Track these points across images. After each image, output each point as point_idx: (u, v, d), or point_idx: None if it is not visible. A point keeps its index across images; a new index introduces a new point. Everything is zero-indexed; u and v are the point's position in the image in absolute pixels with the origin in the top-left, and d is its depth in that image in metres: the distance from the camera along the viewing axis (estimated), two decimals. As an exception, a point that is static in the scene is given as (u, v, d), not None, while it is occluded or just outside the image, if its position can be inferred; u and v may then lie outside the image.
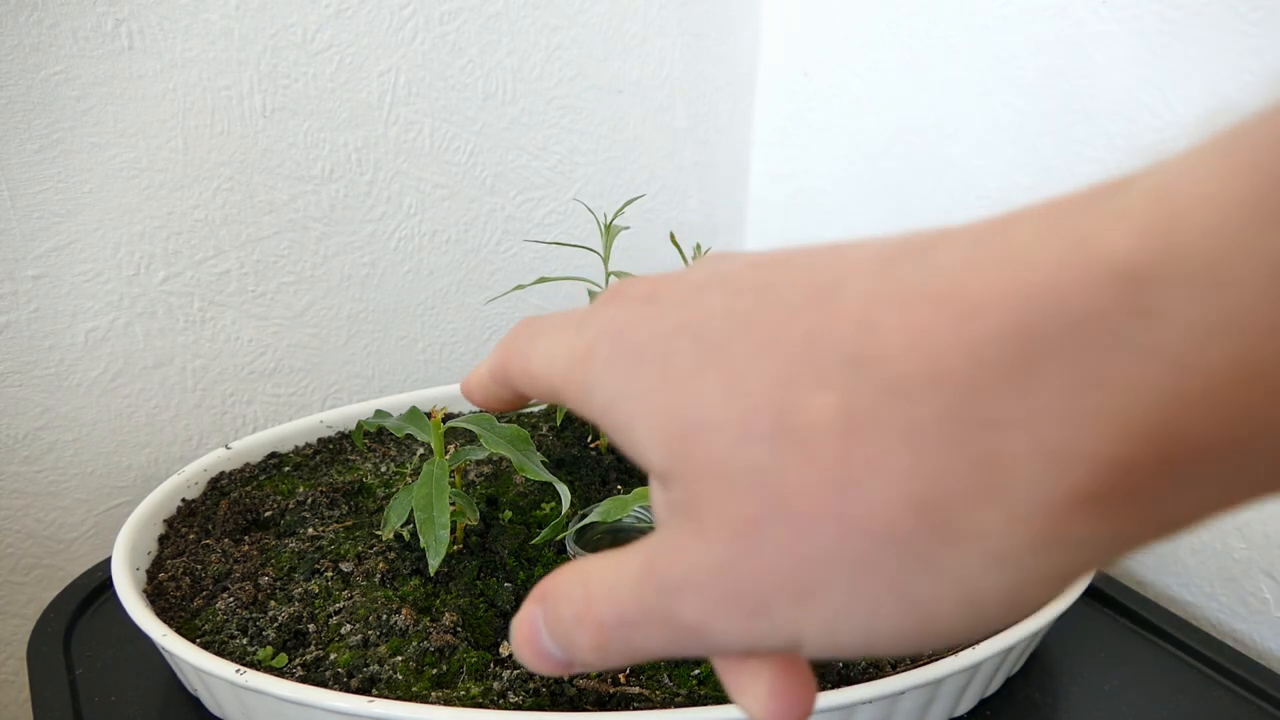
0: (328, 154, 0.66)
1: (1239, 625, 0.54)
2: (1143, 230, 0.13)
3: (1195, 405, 0.13)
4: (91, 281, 0.60)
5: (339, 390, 0.72)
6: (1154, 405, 0.13)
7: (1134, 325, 0.13)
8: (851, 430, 0.15)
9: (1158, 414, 0.13)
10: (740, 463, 0.16)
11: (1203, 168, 0.13)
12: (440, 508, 0.42)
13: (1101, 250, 0.13)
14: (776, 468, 0.16)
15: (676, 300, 0.18)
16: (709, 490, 0.17)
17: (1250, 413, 0.12)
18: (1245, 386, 0.12)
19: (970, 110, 0.64)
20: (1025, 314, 0.14)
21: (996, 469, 0.14)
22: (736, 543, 0.16)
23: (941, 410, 0.14)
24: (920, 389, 0.15)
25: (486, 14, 0.68)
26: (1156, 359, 0.13)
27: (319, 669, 0.39)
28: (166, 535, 0.50)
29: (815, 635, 0.16)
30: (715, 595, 0.17)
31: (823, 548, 0.16)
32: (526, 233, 0.76)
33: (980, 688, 0.42)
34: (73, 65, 0.56)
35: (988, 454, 0.14)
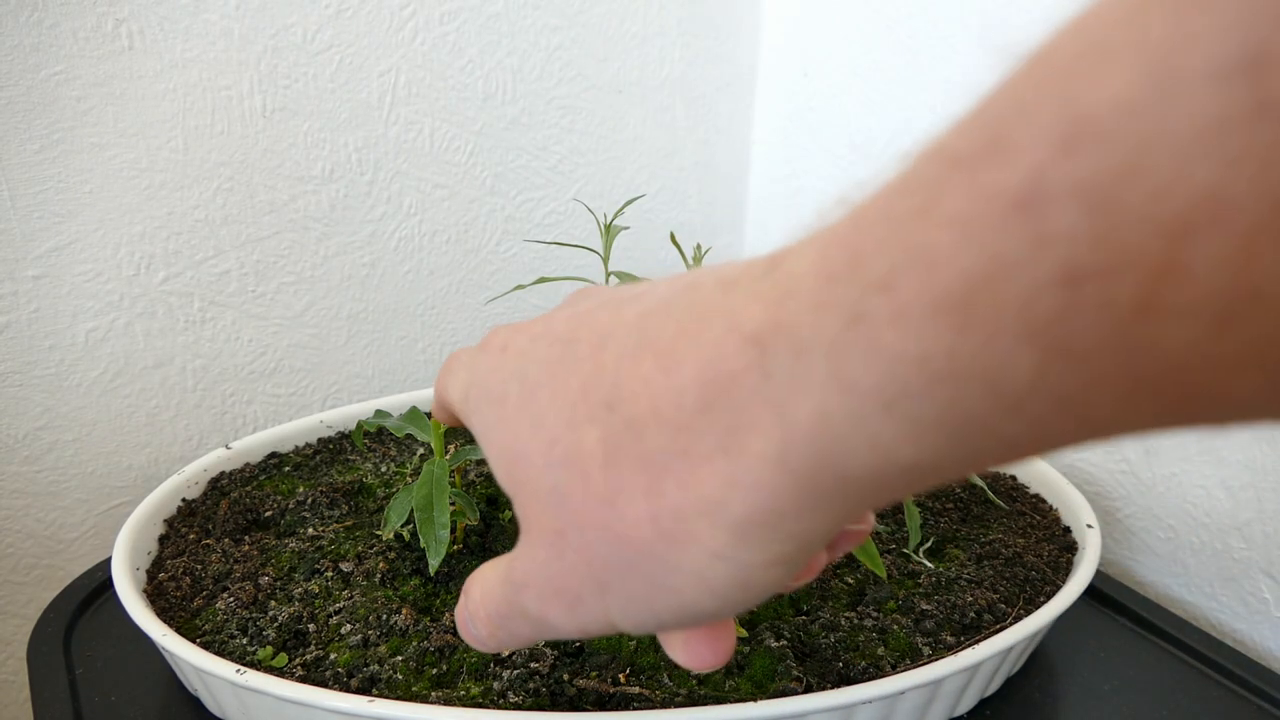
0: (328, 154, 0.66)
1: (1239, 625, 0.54)
2: (764, 308, 0.17)
3: (799, 447, 0.16)
4: (91, 281, 0.60)
5: (339, 390, 0.72)
6: (780, 445, 0.16)
7: (763, 384, 0.16)
8: (609, 460, 0.19)
9: (784, 452, 0.16)
10: (545, 485, 0.20)
11: (803, 250, 0.17)
12: (440, 508, 0.42)
13: (742, 324, 0.17)
14: (567, 489, 0.20)
15: (518, 350, 0.23)
16: (530, 507, 0.21)
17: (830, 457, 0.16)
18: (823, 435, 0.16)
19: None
20: (702, 370, 0.18)
21: (695, 490, 0.18)
22: (549, 549, 0.21)
23: (659, 444, 0.18)
24: (646, 426, 0.18)
25: (486, 14, 0.68)
26: (775, 410, 0.16)
27: (319, 669, 0.39)
28: (166, 535, 0.50)
29: (620, 619, 0.21)
30: (545, 591, 0.22)
31: (602, 553, 0.20)
32: (526, 233, 0.76)
33: (980, 688, 0.42)
34: (73, 65, 0.56)
35: (691, 478, 0.18)
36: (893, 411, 0.15)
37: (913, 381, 0.14)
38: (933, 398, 0.14)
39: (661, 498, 0.18)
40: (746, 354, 0.17)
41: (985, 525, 0.52)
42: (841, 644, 0.41)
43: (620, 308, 0.21)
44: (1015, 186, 0.13)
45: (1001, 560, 0.48)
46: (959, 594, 0.44)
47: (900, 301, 0.14)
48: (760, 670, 0.39)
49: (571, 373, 0.20)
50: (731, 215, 0.86)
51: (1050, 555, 0.49)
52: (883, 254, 0.15)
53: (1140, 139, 0.12)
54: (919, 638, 0.42)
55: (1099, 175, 0.12)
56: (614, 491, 0.19)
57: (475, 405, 0.24)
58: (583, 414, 0.20)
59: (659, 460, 0.18)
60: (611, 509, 0.19)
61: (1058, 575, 0.47)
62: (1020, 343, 0.13)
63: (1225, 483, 0.53)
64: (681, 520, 0.18)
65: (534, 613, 0.22)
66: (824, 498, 0.17)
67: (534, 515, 0.21)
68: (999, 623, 0.43)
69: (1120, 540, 0.60)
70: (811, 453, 0.16)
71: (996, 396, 0.14)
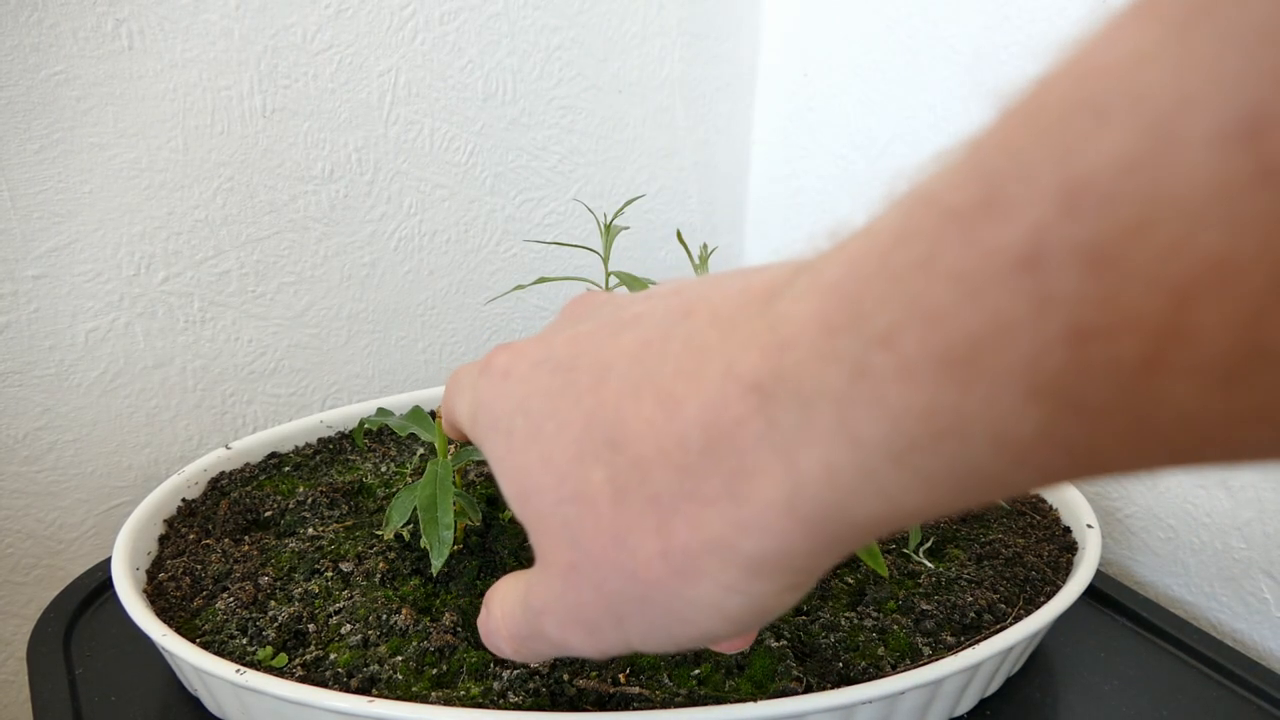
0: (328, 154, 0.66)
1: (1239, 625, 0.54)
2: (763, 356, 0.17)
3: (807, 495, 0.16)
4: (91, 281, 0.60)
5: (339, 390, 0.72)
6: (789, 493, 0.17)
7: (768, 431, 0.17)
8: (617, 498, 0.19)
9: (792, 499, 0.17)
10: (557, 519, 0.21)
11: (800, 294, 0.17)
12: (444, 508, 0.42)
13: (742, 371, 0.17)
14: (578, 524, 0.20)
15: (520, 377, 0.23)
16: (544, 540, 0.22)
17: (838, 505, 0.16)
18: (831, 485, 0.16)
19: (970, 111, 0.64)
20: (704, 413, 0.18)
21: (704, 530, 0.18)
22: (564, 582, 0.21)
23: (666, 485, 0.18)
24: (652, 467, 0.19)
25: (486, 14, 0.68)
26: (782, 458, 0.17)
27: (319, 669, 0.39)
28: (166, 535, 0.50)
29: (639, 643, 0.21)
30: (563, 619, 0.22)
31: (616, 589, 0.20)
32: (526, 233, 0.76)
33: (980, 688, 0.42)
34: (73, 65, 0.56)
35: (699, 519, 0.18)
36: (901, 464, 0.15)
37: (919, 436, 0.15)
38: (940, 451, 0.15)
39: (671, 537, 0.19)
40: (748, 401, 0.17)
41: (985, 525, 0.52)
42: (841, 644, 0.41)
43: (619, 334, 0.21)
44: (1016, 245, 0.13)
45: (1001, 560, 0.48)
46: (959, 594, 0.44)
47: (903, 357, 0.14)
48: (760, 670, 0.39)
49: (574, 406, 0.21)
50: (731, 215, 0.86)
51: (1050, 555, 0.49)
52: (884, 308, 0.15)
53: (1142, 201, 0.12)
54: (919, 638, 0.42)
55: (1102, 236, 0.12)
56: (624, 530, 0.19)
57: (484, 433, 0.24)
58: (588, 451, 0.20)
59: (666, 501, 0.19)
60: (622, 547, 0.19)
61: (1058, 575, 0.47)
62: (1026, 399, 0.13)
63: (1225, 483, 0.53)
64: (693, 558, 0.18)
65: (554, 638, 0.23)
66: (833, 540, 0.17)
67: (548, 548, 0.22)
68: (999, 623, 0.43)
69: (1120, 540, 0.60)
70: (820, 501, 0.16)
71: (1003, 449, 0.14)
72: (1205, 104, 0.11)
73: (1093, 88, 0.13)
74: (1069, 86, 0.13)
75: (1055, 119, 0.13)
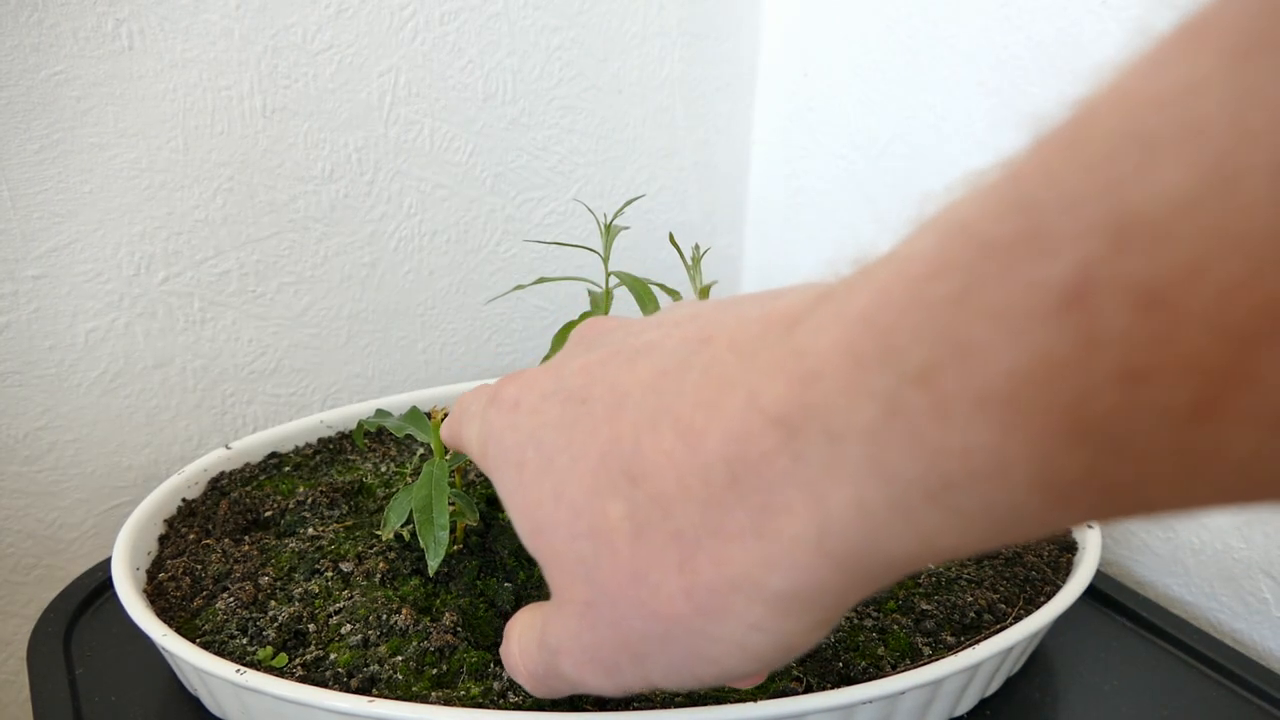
0: (328, 154, 0.66)
1: (1239, 625, 0.54)
2: (788, 387, 0.16)
3: (837, 532, 0.16)
4: (91, 281, 0.60)
5: (339, 390, 0.72)
6: (818, 530, 0.16)
7: (795, 466, 0.16)
8: (637, 534, 0.19)
9: (822, 537, 0.16)
10: (572, 556, 0.20)
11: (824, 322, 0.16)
12: (440, 508, 0.42)
13: (766, 403, 0.17)
14: (595, 561, 0.20)
15: (530, 408, 0.22)
16: (558, 576, 0.21)
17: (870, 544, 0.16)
18: (863, 522, 0.15)
19: (970, 110, 0.64)
20: (727, 446, 0.17)
21: (729, 567, 0.18)
22: (581, 620, 0.21)
23: (689, 520, 0.18)
24: (674, 502, 0.18)
25: (486, 14, 0.68)
26: (810, 495, 0.16)
27: (319, 669, 0.39)
28: (166, 535, 0.50)
29: (661, 682, 0.21)
30: (581, 659, 0.21)
31: (635, 627, 0.19)
32: (526, 233, 0.76)
33: (980, 688, 0.42)
34: (73, 65, 0.56)
35: (724, 556, 0.18)
36: (936, 503, 0.15)
37: (956, 475, 0.14)
38: (977, 491, 0.14)
39: (696, 574, 0.18)
40: (774, 434, 0.16)
41: (985, 525, 0.52)
42: (841, 644, 0.41)
43: (634, 362, 0.20)
44: (1061, 282, 0.12)
45: (1001, 560, 0.48)
46: (959, 594, 0.44)
47: (940, 396, 0.14)
48: (760, 670, 0.39)
49: (589, 438, 0.20)
50: (731, 215, 0.86)
51: (1050, 555, 0.49)
52: (918, 344, 0.14)
53: (1201, 239, 0.11)
54: (919, 638, 0.42)
55: (1154, 275, 0.11)
56: (644, 567, 0.19)
57: (494, 465, 0.23)
58: (605, 484, 0.19)
59: (689, 536, 0.18)
60: (643, 584, 0.19)
61: (1058, 575, 0.47)
62: (1070, 442, 0.13)
63: (1225, 483, 0.53)
64: (717, 595, 0.18)
65: (571, 677, 0.22)
66: (863, 577, 0.17)
67: (563, 584, 0.21)
68: (999, 623, 0.43)
69: (1120, 540, 0.60)
70: (851, 539, 0.16)
71: (1045, 491, 0.14)
72: (1268, 139, 0.11)
73: (1143, 119, 0.12)
74: (1115, 116, 0.13)
75: (1101, 150, 0.12)
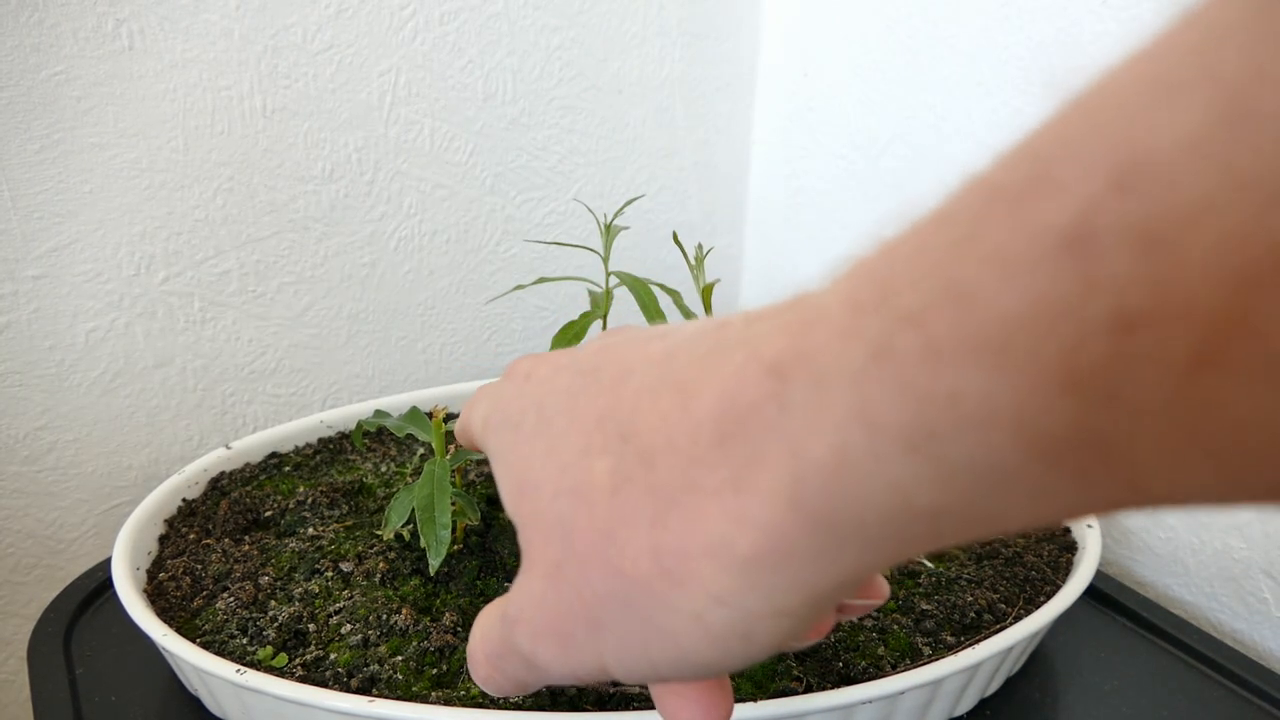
0: (328, 154, 0.66)
1: (1239, 625, 0.54)
2: (788, 338, 0.16)
3: (813, 484, 0.15)
4: (92, 281, 0.60)
5: (339, 390, 0.72)
6: (792, 481, 0.16)
7: (780, 416, 0.16)
8: (617, 490, 0.18)
9: (796, 489, 0.15)
10: (552, 514, 0.20)
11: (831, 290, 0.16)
12: (442, 508, 0.42)
13: (764, 354, 0.16)
14: (572, 519, 0.19)
15: (541, 379, 0.22)
16: (534, 537, 0.21)
17: (845, 497, 0.15)
18: (840, 473, 0.15)
19: (970, 110, 0.64)
20: (719, 402, 0.17)
21: (700, 526, 0.17)
22: (547, 582, 0.20)
23: (669, 476, 0.17)
24: (658, 458, 0.18)
25: (486, 14, 0.68)
26: (789, 445, 0.16)
27: (319, 669, 0.39)
28: (167, 535, 0.50)
29: (614, 663, 0.20)
30: (537, 628, 0.21)
31: (598, 589, 0.19)
32: (526, 233, 0.76)
33: (980, 688, 0.42)
34: (73, 65, 0.56)
35: (697, 513, 0.17)
36: (918, 453, 0.14)
37: (941, 423, 0.14)
38: (962, 441, 0.14)
39: (665, 531, 0.17)
40: (766, 384, 0.16)
41: (985, 525, 0.52)
42: (841, 644, 0.41)
43: (647, 344, 0.20)
44: (1063, 224, 0.12)
45: (1001, 560, 0.48)
46: (959, 594, 0.44)
47: (931, 338, 0.13)
48: (760, 670, 0.39)
49: (590, 403, 0.20)
50: (731, 215, 0.86)
51: (1050, 555, 0.49)
52: (915, 287, 0.14)
53: (1207, 178, 0.11)
54: (919, 638, 0.42)
55: (1157, 216, 0.11)
56: (617, 522, 0.18)
57: (493, 429, 0.23)
58: (597, 444, 0.19)
59: (666, 493, 0.17)
60: (612, 542, 0.18)
61: (1058, 575, 0.47)
62: (1062, 390, 0.12)
63: (1225, 483, 0.53)
64: (684, 558, 0.17)
65: (525, 650, 0.21)
66: (835, 542, 0.16)
67: (537, 546, 0.21)
68: (999, 623, 0.43)
69: (1120, 540, 0.60)
70: (826, 491, 0.15)
71: (1032, 445, 0.13)
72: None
73: (1157, 66, 0.12)
74: (1130, 68, 0.12)
75: (1114, 98, 0.12)
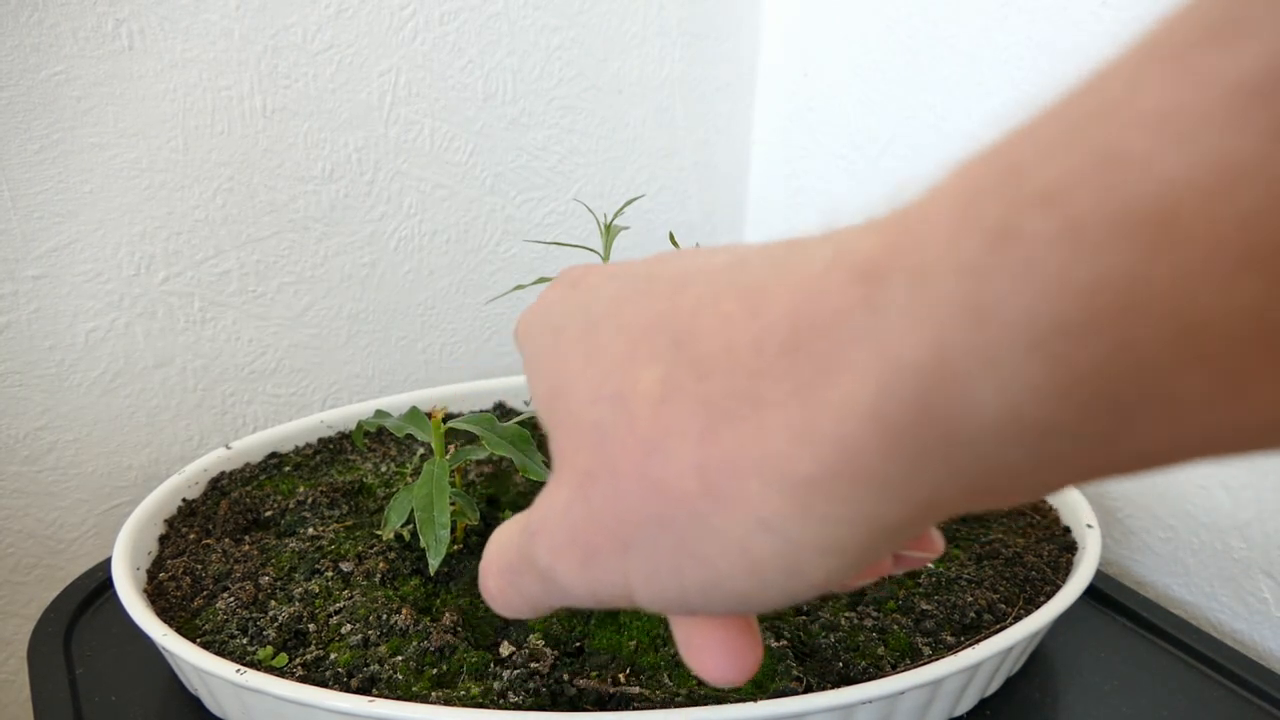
0: (328, 154, 0.66)
1: (1239, 625, 0.54)
2: (882, 237, 0.14)
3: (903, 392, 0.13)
4: (92, 281, 0.60)
5: (339, 390, 0.72)
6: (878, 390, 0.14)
7: (868, 319, 0.14)
8: (665, 399, 0.17)
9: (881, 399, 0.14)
10: (588, 420, 0.18)
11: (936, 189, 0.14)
12: (440, 508, 0.42)
13: (853, 256, 0.15)
14: (610, 428, 0.17)
15: (589, 286, 0.21)
16: (566, 443, 0.19)
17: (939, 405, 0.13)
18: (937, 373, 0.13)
19: (970, 110, 0.64)
20: (794, 308, 0.15)
21: (756, 443, 0.15)
22: (575, 491, 0.18)
23: (726, 386, 0.16)
24: (716, 365, 0.16)
25: (486, 14, 0.68)
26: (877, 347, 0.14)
27: (319, 669, 0.39)
28: (167, 535, 0.50)
29: (640, 586, 0.18)
30: (560, 540, 0.19)
31: (632, 505, 0.17)
32: (526, 233, 0.76)
33: (980, 688, 0.42)
34: (73, 65, 0.56)
35: (755, 428, 0.15)
36: (1039, 352, 0.12)
37: (1073, 316, 0.12)
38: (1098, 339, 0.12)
39: (715, 446, 0.16)
40: (853, 288, 0.14)
41: (985, 525, 0.52)
42: (841, 644, 0.41)
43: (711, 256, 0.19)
44: (1253, 70, 0.10)
45: (1001, 560, 0.48)
46: (959, 594, 0.44)
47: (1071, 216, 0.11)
48: (760, 670, 0.39)
49: (641, 309, 0.18)
50: (731, 215, 0.86)
51: (1050, 555, 0.49)
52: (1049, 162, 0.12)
53: None
54: (919, 638, 0.42)
55: None
56: (662, 434, 0.16)
57: (532, 333, 0.21)
58: (645, 350, 0.17)
59: (722, 404, 0.16)
60: (654, 454, 0.16)
61: (1058, 575, 0.47)
62: (1237, 268, 0.11)
63: (1225, 483, 0.53)
64: (734, 475, 0.15)
65: (544, 564, 0.19)
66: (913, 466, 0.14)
67: (567, 454, 0.19)
68: (999, 623, 0.43)
69: (1120, 540, 0.60)
70: (918, 401, 0.13)
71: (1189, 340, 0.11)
72: None
73: None
74: None
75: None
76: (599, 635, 0.42)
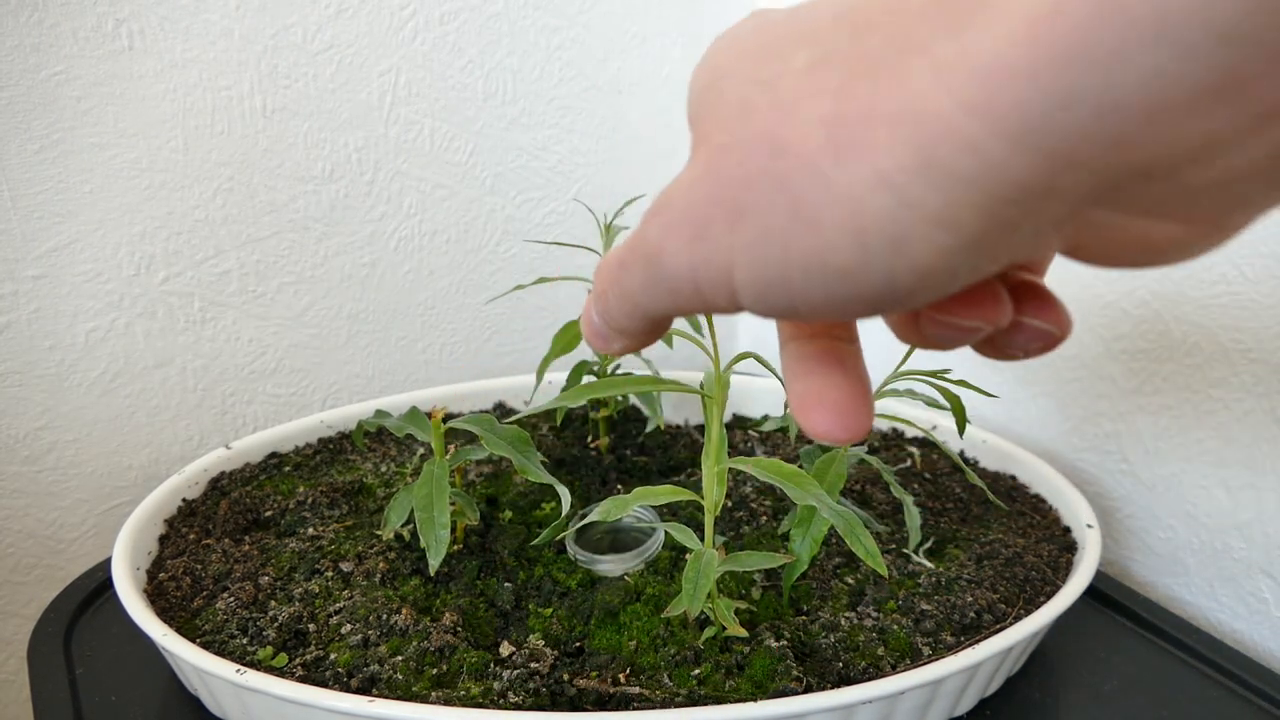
0: (328, 154, 0.66)
1: (1239, 625, 0.54)
2: None
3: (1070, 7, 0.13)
4: (92, 281, 0.60)
5: (339, 390, 0.72)
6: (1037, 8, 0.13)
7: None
8: (812, 68, 0.17)
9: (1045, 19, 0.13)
10: (736, 99, 0.18)
11: None
12: (440, 508, 0.42)
13: None
14: (758, 99, 0.18)
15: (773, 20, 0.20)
16: (709, 121, 0.19)
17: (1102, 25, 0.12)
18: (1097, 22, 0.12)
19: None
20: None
21: (895, 88, 0.15)
22: (705, 167, 0.18)
23: (876, 42, 0.15)
24: (872, 27, 0.16)
25: (486, 14, 0.68)
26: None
27: (319, 669, 0.39)
28: (167, 535, 0.50)
29: (744, 265, 0.18)
30: (675, 216, 0.19)
31: (755, 168, 0.17)
32: (526, 233, 0.76)
33: (980, 688, 0.42)
34: (73, 65, 0.56)
35: (895, 73, 0.15)
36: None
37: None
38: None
39: (850, 98, 0.15)
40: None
41: (985, 525, 0.52)
42: (841, 644, 0.41)
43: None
44: None
45: (1001, 560, 0.48)
46: (959, 594, 0.44)
47: None
48: (760, 670, 0.39)
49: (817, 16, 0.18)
50: (731, 215, 0.86)
51: (1050, 555, 0.49)
52: None
53: None
54: (919, 638, 0.42)
55: None
56: (800, 95, 0.16)
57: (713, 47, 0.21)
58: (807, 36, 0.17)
59: (867, 59, 0.15)
60: (789, 116, 0.16)
61: (1058, 575, 0.47)
62: None
63: (1225, 483, 0.53)
64: (862, 123, 0.15)
65: (653, 240, 0.20)
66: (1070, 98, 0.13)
67: (709, 130, 0.19)
68: (999, 623, 0.43)
69: (1120, 540, 0.60)
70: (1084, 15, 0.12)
71: None
72: None
73: None
74: None
75: None
76: (599, 635, 0.42)
